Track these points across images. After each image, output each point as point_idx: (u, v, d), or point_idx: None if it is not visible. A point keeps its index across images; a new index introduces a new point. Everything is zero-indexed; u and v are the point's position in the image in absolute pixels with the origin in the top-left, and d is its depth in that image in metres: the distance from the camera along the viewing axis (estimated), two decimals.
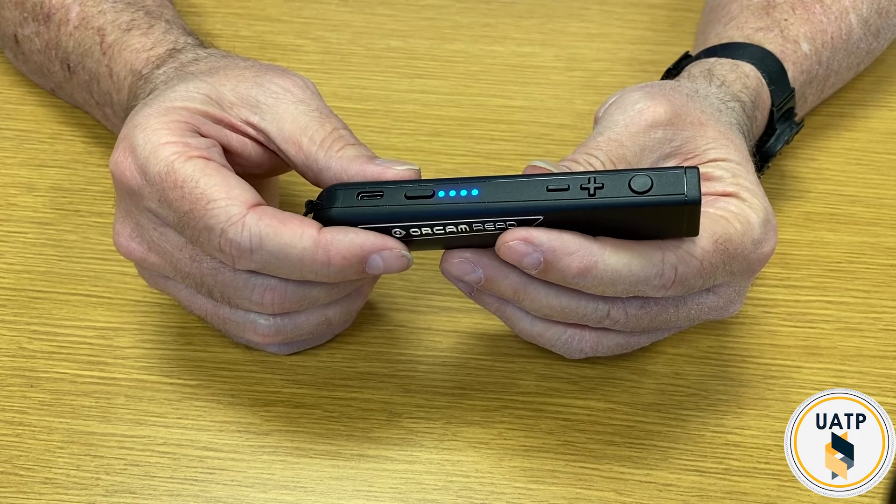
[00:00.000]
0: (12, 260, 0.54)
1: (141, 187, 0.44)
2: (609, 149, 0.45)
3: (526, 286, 0.44)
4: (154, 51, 0.52)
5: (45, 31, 0.57)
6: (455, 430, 0.48)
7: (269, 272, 0.44)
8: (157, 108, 0.45)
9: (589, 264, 0.42)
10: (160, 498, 0.46)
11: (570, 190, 0.41)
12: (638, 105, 0.47)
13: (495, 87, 0.64)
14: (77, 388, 0.49)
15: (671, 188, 0.41)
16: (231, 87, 0.46)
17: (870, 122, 0.62)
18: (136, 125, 0.45)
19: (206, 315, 0.48)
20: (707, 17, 0.62)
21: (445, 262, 0.44)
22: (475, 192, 0.42)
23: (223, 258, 0.44)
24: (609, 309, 0.45)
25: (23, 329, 0.52)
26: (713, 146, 0.47)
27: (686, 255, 0.43)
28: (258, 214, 0.43)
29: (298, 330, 0.47)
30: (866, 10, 0.59)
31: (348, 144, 0.45)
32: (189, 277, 0.46)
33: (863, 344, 0.52)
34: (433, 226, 0.43)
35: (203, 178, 0.43)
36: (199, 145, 0.44)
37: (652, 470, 0.47)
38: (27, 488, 0.46)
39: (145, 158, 0.44)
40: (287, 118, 0.45)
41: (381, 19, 0.67)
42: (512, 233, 0.42)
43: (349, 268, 0.43)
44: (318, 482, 0.47)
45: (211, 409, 0.49)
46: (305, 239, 0.42)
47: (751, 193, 0.46)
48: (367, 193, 0.43)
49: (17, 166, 0.59)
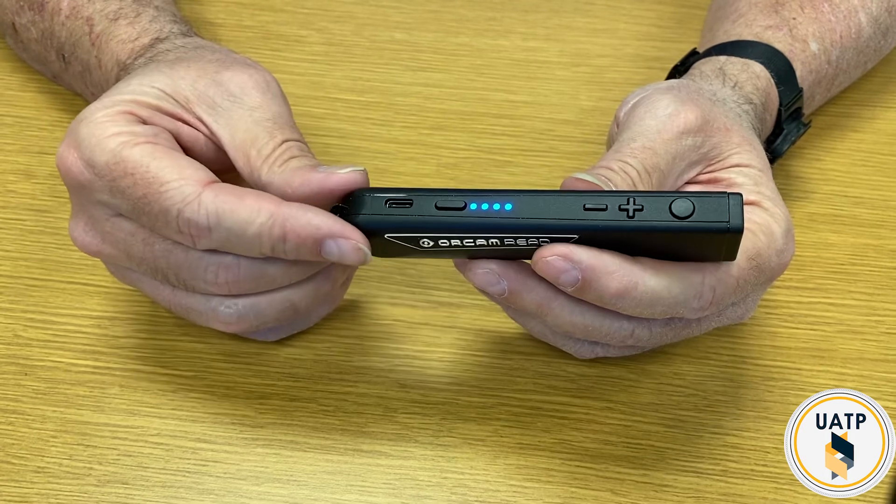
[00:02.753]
0: (9, 247, 0.54)
1: (90, 181, 0.44)
2: (644, 157, 0.44)
3: (550, 301, 0.43)
4: (139, 41, 0.52)
5: (39, 20, 0.56)
6: (451, 426, 0.48)
7: (230, 250, 0.43)
8: (105, 101, 0.45)
9: (629, 285, 0.41)
10: (152, 489, 0.46)
11: (608, 210, 0.40)
12: (668, 110, 0.46)
13: (499, 81, 0.63)
14: (71, 378, 0.49)
15: (714, 215, 0.40)
16: (190, 82, 0.46)
17: (876, 124, 0.62)
18: (80, 119, 0.44)
19: (170, 305, 0.47)
20: (714, 13, 0.61)
21: (470, 271, 0.43)
22: (508, 206, 0.41)
23: (182, 239, 0.43)
24: (634, 328, 0.45)
25: (18, 317, 0.51)
26: (737, 151, 0.46)
27: (724, 275, 0.43)
28: (214, 191, 0.42)
29: (261, 317, 0.46)
30: (875, 9, 0.59)
31: (292, 157, 0.44)
32: (143, 263, 0.45)
33: (864, 347, 0.51)
34: (463, 238, 0.42)
35: (153, 162, 0.43)
36: (146, 133, 0.44)
37: (648, 470, 0.47)
38: (19, 477, 0.46)
39: (90, 151, 0.43)
40: (240, 126, 0.45)
41: (385, 11, 0.67)
42: (550, 248, 0.41)
43: (303, 247, 0.42)
44: (312, 476, 0.46)
45: (205, 400, 0.49)
46: (263, 214, 0.42)
47: (772, 202, 0.45)
48: (396, 201, 0.42)
49: (16, 153, 0.58)
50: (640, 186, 0.44)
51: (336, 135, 0.60)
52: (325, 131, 0.60)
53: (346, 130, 0.60)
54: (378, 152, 0.59)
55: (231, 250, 0.43)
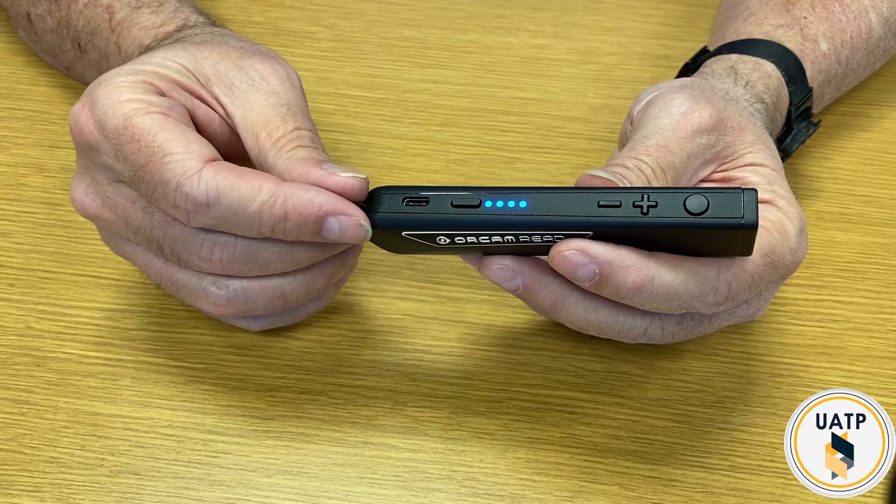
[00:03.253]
0: (21, 240, 0.54)
1: (98, 142, 0.44)
2: (659, 155, 0.44)
3: (565, 298, 0.44)
4: (164, 28, 0.52)
5: (56, 9, 0.57)
6: (460, 419, 0.48)
7: (226, 229, 0.43)
8: (126, 68, 0.45)
9: (645, 280, 0.41)
10: (164, 479, 0.46)
11: (623, 207, 0.41)
12: (683, 108, 0.46)
13: (508, 78, 0.63)
14: (83, 369, 0.49)
15: (728, 211, 0.40)
16: (212, 63, 0.46)
17: (884, 123, 0.62)
18: (99, 82, 0.45)
19: (160, 280, 0.47)
20: (725, 12, 0.61)
21: (485, 267, 0.44)
22: (523, 203, 0.41)
23: (177, 214, 0.43)
24: (647, 327, 0.45)
25: (30, 308, 0.52)
26: (751, 150, 0.47)
27: (739, 270, 0.43)
28: (215, 168, 0.42)
29: (251, 302, 0.46)
30: (886, 9, 0.59)
31: (301, 146, 0.44)
32: (140, 232, 0.45)
33: (872, 345, 0.51)
34: (479, 235, 0.42)
35: (161, 132, 0.43)
36: (161, 103, 0.44)
37: (657, 465, 0.47)
38: (32, 467, 0.46)
39: (103, 113, 0.43)
40: (255, 108, 0.45)
41: (394, 8, 0.67)
42: (567, 243, 0.41)
43: (304, 225, 0.42)
44: (322, 468, 0.47)
45: (216, 392, 0.49)
46: (264, 192, 0.42)
47: (787, 201, 0.46)
48: (412, 199, 0.42)
49: (28, 146, 0.59)
50: (654, 184, 0.44)
51: (345, 131, 0.60)
52: (334, 127, 0.60)
53: (355, 126, 0.61)
54: (387, 148, 0.60)
55: (227, 229, 0.43)
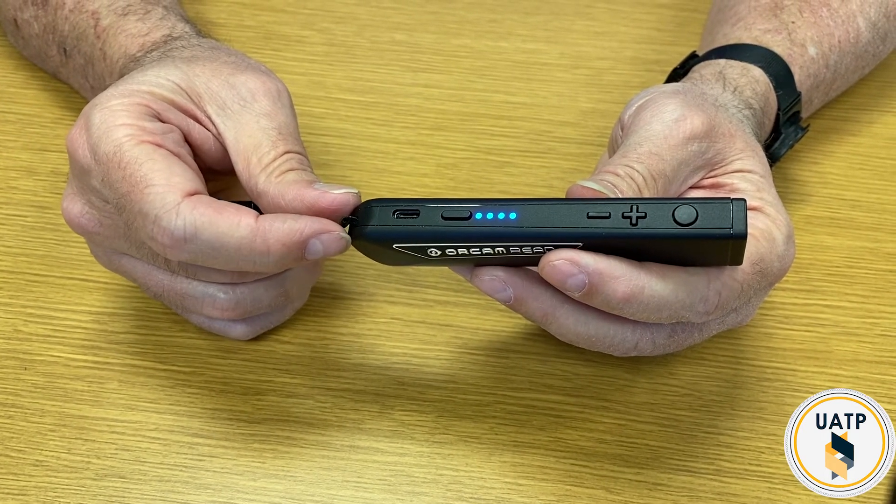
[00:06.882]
0: (10, 243, 0.54)
1: (90, 166, 0.44)
2: (650, 163, 0.44)
3: (555, 310, 0.44)
4: (150, 36, 0.52)
5: (42, 14, 0.57)
6: (447, 423, 0.48)
7: (203, 263, 0.43)
8: (122, 89, 0.45)
9: (635, 290, 0.41)
10: (150, 483, 0.46)
11: (612, 218, 0.41)
12: (675, 115, 0.46)
13: (499, 83, 0.64)
14: (70, 372, 0.49)
15: (717, 221, 0.40)
16: (204, 80, 0.46)
17: (873, 128, 0.62)
18: (95, 104, 0.45)
19: (163, 291, 0.47)
20: (714, 17, 0.61)
21: (477, 278, 0.44)
22: (513, 215, 0.41)
23: (154, 246, 0.43)
24: (637, 340, 0.45)
25: (18, 311, 0.52)
26: (740, 157, 0.47)
27: (729, 279, 0.43)
28: (192, 203, 0.42)
29: (258, 303, 0.47)
30: (874, 14, 0.59)
31: (290, 169, 0.44)
32: (143, 248, 0.45)
33: (860, 349, 0.51)
34: (469, 247, 0.42)
35: (147, 161, 0.43)
36: (155, 130, 0.44)
37: (643, 469, 0.47)
38: (18, 470, 0.46)
39: (98, 138, 0.44)
40: (245, 131, 0.45)
41: (386, 12, 0.67)
42: (557, 253, 0.41)
43: (288, 255, 0.43)
44: (308, 472, 0.47)
45: (203, 396, 0.49)
46: (242, 228, 0.42)
47: (775, 208, 0.46)
48: (403, 212, 0.42)
49: (18, 150, 0.59)
50: (645, 192, 0.44)
51: (336, 134, 0.60)
52: (325, 131, 0.61)
53: (346, 130, 0.61)
54: (378, 152, 0.60)
55: (205, 264, 0.44)
